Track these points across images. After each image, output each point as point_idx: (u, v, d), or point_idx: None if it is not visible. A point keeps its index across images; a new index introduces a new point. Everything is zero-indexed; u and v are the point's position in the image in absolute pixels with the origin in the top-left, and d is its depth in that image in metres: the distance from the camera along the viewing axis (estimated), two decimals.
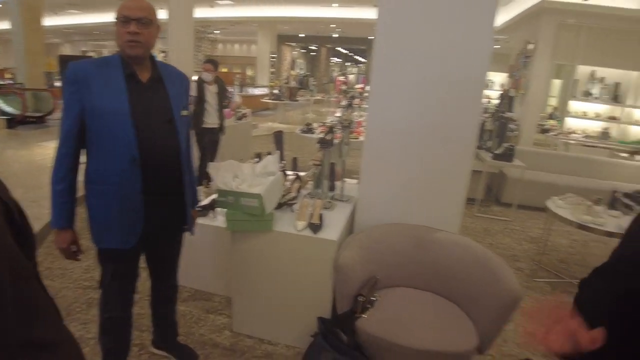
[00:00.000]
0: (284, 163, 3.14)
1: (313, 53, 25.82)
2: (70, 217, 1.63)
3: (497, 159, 4.82)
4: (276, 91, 11.96)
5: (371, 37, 2.30)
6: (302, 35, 20.35)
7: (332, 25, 16.29)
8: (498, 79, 9.98)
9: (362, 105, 7.65)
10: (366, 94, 8.15)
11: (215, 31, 18.83)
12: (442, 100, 2.28)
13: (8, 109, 8.24)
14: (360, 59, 29.55)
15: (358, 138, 4.79)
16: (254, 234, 2.21)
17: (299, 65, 24.16)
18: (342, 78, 18.87)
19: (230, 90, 7.43)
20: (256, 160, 2.77)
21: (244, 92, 12.92)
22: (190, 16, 7.46)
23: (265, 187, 2.10)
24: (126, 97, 1.54)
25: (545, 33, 6.84)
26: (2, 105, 8.25)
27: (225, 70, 17.54)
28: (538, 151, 6.02)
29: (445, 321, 1.97)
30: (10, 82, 9.55)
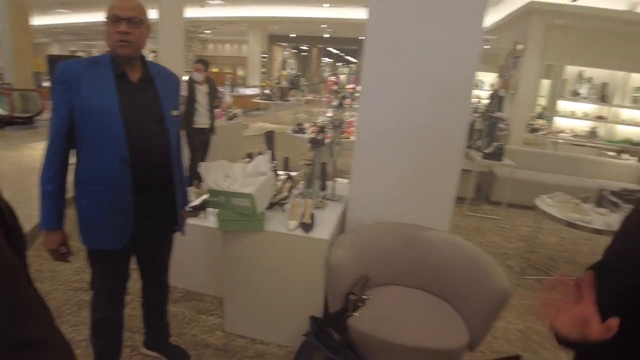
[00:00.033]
0: (276, 163, 3.14)
1: (304, 53, 25.80)
2: (59, 218, 1.61)
3: (487, 158, 4.86)
4: (267, 91, 11.94)
5: (362, 38, 2.31)
6: (293, 35, 20.33)
7: (323, 25, 16.30)
8: (488, 79, 10.05)
9: (353, 105, 7.67)
10: (357, 94, 8.16)
11: (206, 31, 18.76)
12: (432, 100, 2.30)
13: None
14: (351, 59, 29.57)
15: (349, 138, 4.81)
16: (246, 234, 2.21)
17: (290, 65, 24.13)
18: (334, 78, 18.91)
19: (221, 90, 7.40)
20: (247, 160, 2.77)
21: (235, 92, 12.87)
22: (180, 16, 7.42)
23: (256, 187, 2.11)
24: (116, 97, 1.53)
25: (534, 34, 6.92)
26: None
27: (216, 70, 17.45)
28: (527, 150, 6.10)
29: (436, 319, 1.98)
30: None
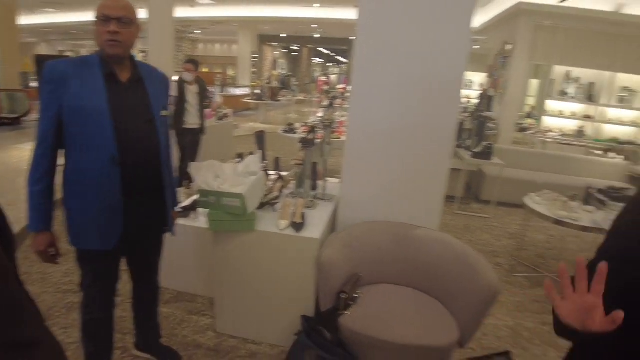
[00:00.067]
0: (266, 163, 3.14)
1: (295, 53, 25.77)
2: (47, 219, 1.59)
3: (476, 158, 4.91)
4: (258, 91, 11.89)
5: (352, 38, 2.32)
6: (284, 35, 20.31)
7: (314, 25, 16.30)
8: (477, 79, 10.10)
9: (344, 105, 7.68)
10: (348, 94, 8.18)
11: (196, 31, 18.68)
12: (421, 100, 2.32)
13: None
14: (342, 60, 29.62)
15: (340, 138, 4.81)
16: (237, 234, 2.21)
17: (281, 65, 24.11)
18: (324, 78, 18.88)
19: (211, 90, 7.37)
20: (238, 160, 2.77)
21: (225, 92, 12.80)
22: (170, 16, 7.39)
23: (247, 187, 2.11)
24: (105, 97, 1.52)
25: (522, 34, 6.99)
26: None
27: (206, 70, 17.38)
28: (516, 149, 6.17)
29: (426, 316, 2.00)
30: None
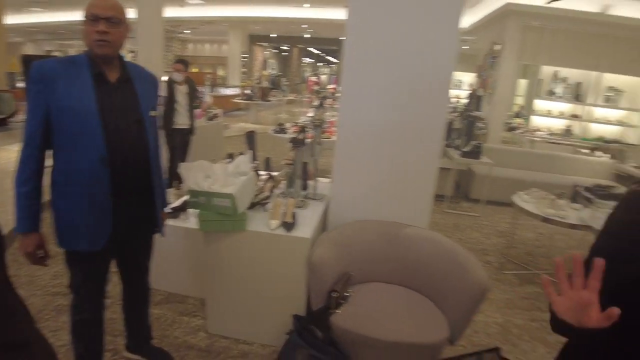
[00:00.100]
0: (257, 163, 3.14)
1: (285, 53, 25.75)
2: (35, 220, 1.58)
3: (466, 157, 4.95)
4: (248, 91, 11.85)
5: (342, 38, 2.33)
6: (274, 35, 20.28)
7: (304, 25, 16.30)
8: (466, 79, 10.18)
9: (334, 105, 7.69)
10: (338, 94, 8.20)
11: (185, 31, 18.58)
12: (411, 99, 2.33)
13: None
14: (332, 60, 29.65)
15: (330, 138, 4.84)
16: (227, 234, 2.21)
17: (271, 65, 24.06)
18: (315, 78, 18.87)
19: (201, 90, 7.33)
20: (228, 160, 2.77)
21: (215, 92, 12.74)
22: (159, 15, 7.33)
23: (237, 187, 2.10)
24: (94, 97, 1.51)
25: (511, 34, 7.07)
26: None
27: (196, 70, 17.28)
28: (505, 148, 6.25)
29: (417, 314, 2.02)
30: None
